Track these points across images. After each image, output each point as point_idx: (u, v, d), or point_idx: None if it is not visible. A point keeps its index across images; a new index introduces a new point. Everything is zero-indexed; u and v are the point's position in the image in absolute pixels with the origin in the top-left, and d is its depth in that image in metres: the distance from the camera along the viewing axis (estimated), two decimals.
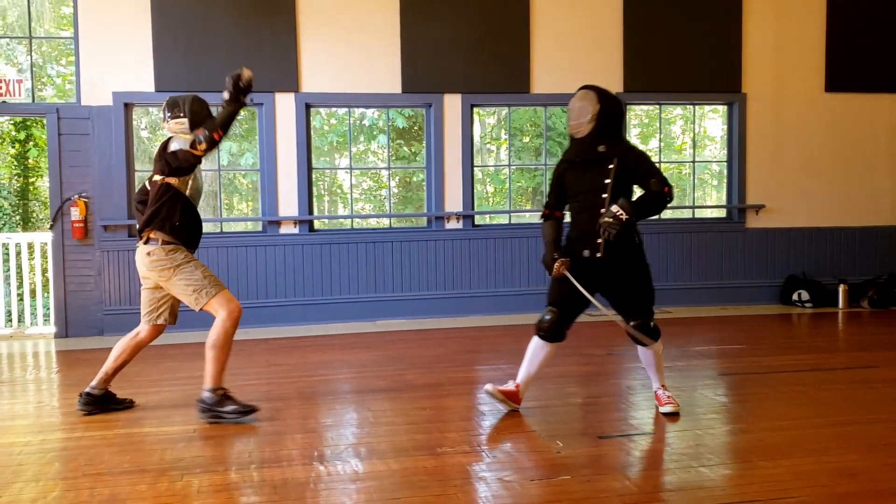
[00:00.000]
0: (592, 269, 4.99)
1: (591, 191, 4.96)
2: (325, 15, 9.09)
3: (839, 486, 3.83)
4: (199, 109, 5.27)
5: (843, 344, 8.03)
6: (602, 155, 4.91)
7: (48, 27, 15.60)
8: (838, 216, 10.40)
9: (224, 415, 5.11)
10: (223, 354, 5.16)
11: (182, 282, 5.09)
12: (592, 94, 4.93)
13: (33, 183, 17.73)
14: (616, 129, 4.99)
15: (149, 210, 5.15)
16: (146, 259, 5.12)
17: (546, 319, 5.09)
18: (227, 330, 5.12)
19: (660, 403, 5.18)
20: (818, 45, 10.22)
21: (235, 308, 5.16)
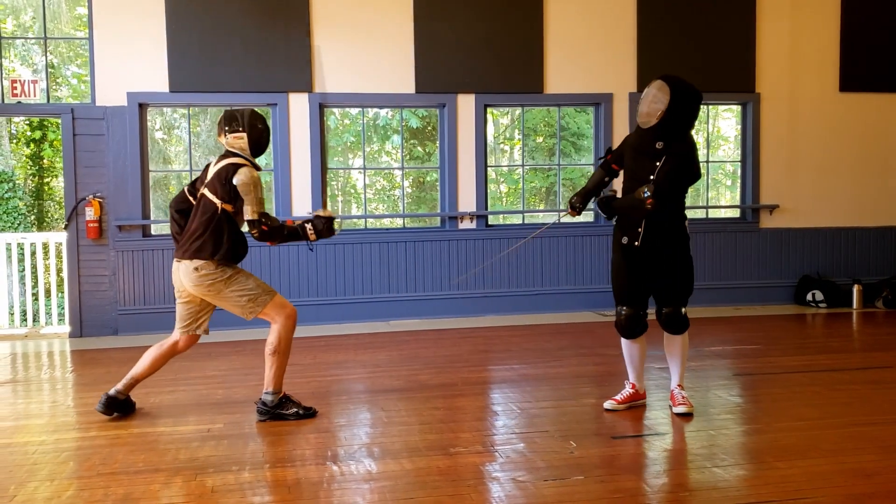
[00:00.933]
0: (637, 255, 5.06)
1: (638, 182, 4.98)
2: (338, 15, 9.09)
3: (855, 486, 3.82)
4: (259, 125, 5.17)
5: (857, 344, 7.99)
6: (657, 152, 4.90)
7: (64, 27, 15.69)
8: (853, 216, 10.34)
9: (286, 417, 5.14)
10: (284, 359, 5.18)
11: (235, 293, 5.04)
12: (667, 90, 4.80)
13: (48, 183, 17.83)
14: (683, 127, 4.92)
15: (195, 234, 5.03)
16: (194, 275, 5.00)
17: (623, 315, 5.18)
18: (287, 335, 5.14)
19: (673, 403, 5.18)
20: (832, 44, 10.17)
21: (292, 312, 5.18)
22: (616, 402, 5.27)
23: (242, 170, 5.02)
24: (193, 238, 5.03)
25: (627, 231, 5.09)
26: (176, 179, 16.84)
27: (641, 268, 5.10)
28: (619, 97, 9.65)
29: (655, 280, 5.09)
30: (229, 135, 5.13)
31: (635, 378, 5.33)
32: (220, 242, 5.00)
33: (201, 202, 5.11)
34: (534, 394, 5.76)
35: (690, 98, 4.86)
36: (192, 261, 5.00)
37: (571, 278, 9.68)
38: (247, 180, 4.98)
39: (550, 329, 8.56)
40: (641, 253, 5.04)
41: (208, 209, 5.04)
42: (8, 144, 16.76)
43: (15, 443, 4.79)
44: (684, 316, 5.08)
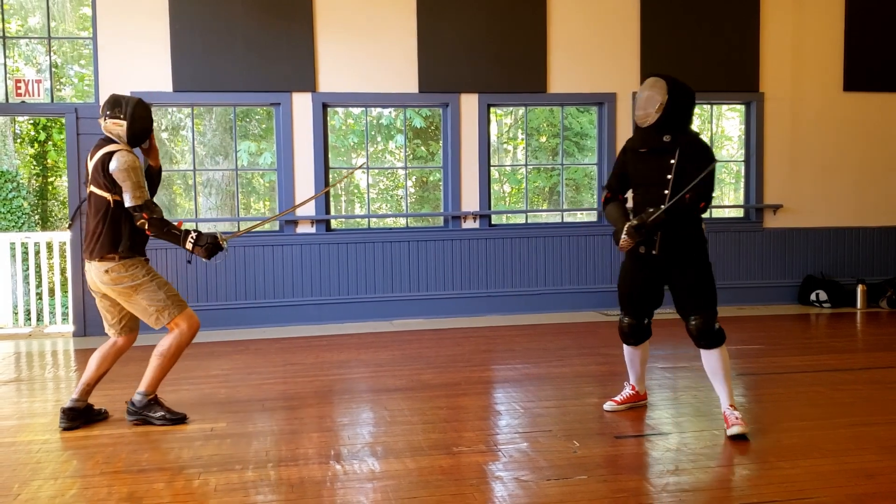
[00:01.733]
0: (653, 264, 4.90)
1: (652, 184, 4.84)
2: (341, 14, 9.10)
3: (857, 486, 3.81)
4: (142, 115, 4.99)
5: (861, 344, 7.98)
6: (666, 146, 4.75)
7: (68, 27, 15.71)
8: (856, 216, 10.33)
9: (153, 420, 5.08)
10: (169, 364, 5.11)
11: (144, 301, 4.95)
12: (662, 83, 4.75)
13: (52, 182, 17.87)
14: (683, 121, 4.82)
15: (95, 232, 4.93)
16: (104, 277, 4.91)
17: (626, 323, 5.09)
18: (182, 343, 5.07)
19: (727, 424, 4.70)
20: (836, 44, 10.16)
21: (195, 324, 5.09)
22: (616, 402, 5.24)
23: (117, 155, 4.87)
24: (94, 237, 4.94)
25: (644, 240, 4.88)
26: (181, 178, 16.88)
27: (657, 277, 4.94)
28: (622, 97, 9.65)
29: (675, 289, 4.87)
30: (109, 119, 4.95)
31: (636, 380, 5.29)
32: (119, 235, 4.91)
33: (92, 198, 5.00)
34: (537, 393, 5.76)
35: (686, 92, 4.82)
36: (100, 262, 4.91)
37: (574, 278, 9.68)
38: (122, 166, 4.83)
39: (553, 329, 8.56)
40: (658, 261, 4.86)
41: (100, 204, 4.93)
42: (12, 144, 16.80)
43: (19, 441, 4.80)
44: (718, 329, 4.75)
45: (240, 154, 14.89)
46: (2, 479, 4.11)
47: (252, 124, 16.75)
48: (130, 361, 7.18)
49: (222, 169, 16.50)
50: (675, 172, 4.73)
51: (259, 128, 16.87)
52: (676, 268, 4.84)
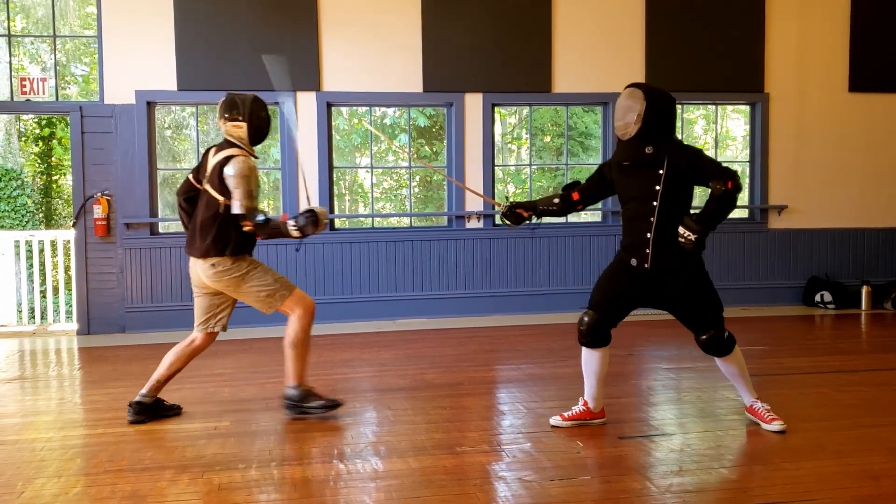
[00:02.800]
0: (644, 280, 4.71)
1: (641, 198, 4.65)
2: (346, 14, 9.10)
3: (862, 488, 3.81)
4: (261, 113, 5.05)
5: (866, 346, 7.96)
6: (650, 157, 4.56)
7: (72, 26, 15.73)
8: (861, 217, 10.31)
9: (310, 410, 5.12)
10: (304, 351, 5.13)
11: (254, 287, 4.99)
12: (639, 93, 4.56)
13: (57, 181, 17.90)
14: (666, 129, 4.59)
15: (203, 231, 4.95)
16: (210, 271, 4.94)
17: (584, 322, 4.85)
18: (305, 327, 5.09)
19: (762, 420, 4.78)
20: (842, 44, 10.14)
21: (310, 304, 5.14)
22: (562, 418, 4.93)
23: (235, 161, 4.89)
24: (202, 235, 4.97)
25: (634, 252, 4.72)
26: (184, 177, 16.89)
27: (641, 294, 4.76)
28: None
29: (674, 307, 4.74)
30: (228, 122, 5.01)
31: (589, 394, 4.93)
32: (228, 238, 4.94)
33: (205, 197, 5.03)
34: (540, 393, 5.75)
35: (664, 99, 4.63)
36: (205, 259, 4.95)
37: (579, 278, 9.66)
38: (238, 172, 4.86)
39: (557, 329, 8.55)
40: (650, 277, 4.69)
41: (212, 205, 4.97)
42: (17, 142, 16.82)
43: (23, 439, 4.81)
44: (726, 338, 4.69)
45: None
46: (6, 476, 4.12)
47: None
48: (134, 360, 7.20)
49: None
50: (664, 183, 4.58)
51: None
52: (672, 285, 4.67)
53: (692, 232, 4.50)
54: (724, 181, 4.50)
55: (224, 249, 4.92)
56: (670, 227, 4.60)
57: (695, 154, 4.65)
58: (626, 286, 4.78)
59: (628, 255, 4.77)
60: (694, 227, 4.51)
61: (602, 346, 4.87)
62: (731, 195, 4.51)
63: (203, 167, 5.14)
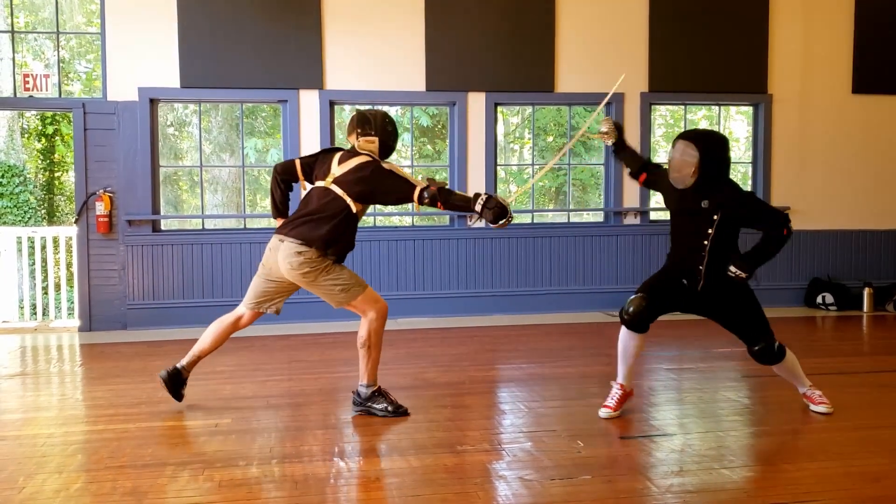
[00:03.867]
0: (693, 294, 4.95)
1: (692, 232, 4.90)
2: (349, 12, 9.09)
3: (863, 490, 3.80)
4: (389, 128, 5.23)
5: (867, 347, 7.96)
6: (705, 210, 4.82)
7: (76, 22, 15.74)
8: (864, 219, 10.30)
9: (375, 411, 5.14)
10: (376, 351, 5.17)
11: (329, 282, 5.03)
12: (692, 145, 4.74)
13: (59, 177, 17.92)
14: (720, 176, 4.83)
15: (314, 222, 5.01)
16: (294, 258, 4.96)
17: (632, 301, 4.97)
18: (378, 328, 5.14)
19: (813, 402, 5.14)
20: (846, 46, 10.13)
21: (383, 306, 5.18)
22: (611, 409, 5.07)
23: (377, 170, 5.06)
24: (310, 223, 5.01)
25: (686, 272, 4.95)
26: (187, 175, 16.90)
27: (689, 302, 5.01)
28: (630, 97, 9.63)
29: (725, 320, 5.00)
30: (361, 137, 5.17)
31: (624, 376, 5.11)
32: (336, 240, 5.02)
33: (328, 194, 5.07)
34: (541, 393, 5.75)
35: (718, 145, 4.82)
36: (298, 244, 4.97)
37: (580, 278, 9.66)
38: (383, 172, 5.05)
39: (559, 329, 8.55)
40: (699, 295, 4.93)
41: (337, 204, 5.03)
42: (20, 138, 16.83)
43: (24, 435, 4.81)
44: (777, 349, 4.97)
45: (246, 151, 14.90)
46: (7, 472, 4.12)
47: (259, 121, 16.77)
48: (136, 357, 7.20)
49: (229, 166, 16.53)
50: (717, 228, 4.82)
51: (266, 125, 16.89)
52: (722, 301, 4.93)
53: (742, 272, 4.81)
54: (780, 229, 4.89)
55: (327, 247, 4.99)
56: (721, 260, 4.87)
57: (748, 200, 4.91)
58: (676, 289, 5.01)
59: (679, 274, 5.00)
60: (745, 267, 4.84)
61: (641, 332, 5.00)
62: (783, 241, 4.91)
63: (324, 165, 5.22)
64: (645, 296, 4.95)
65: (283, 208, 5.42)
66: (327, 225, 5.00)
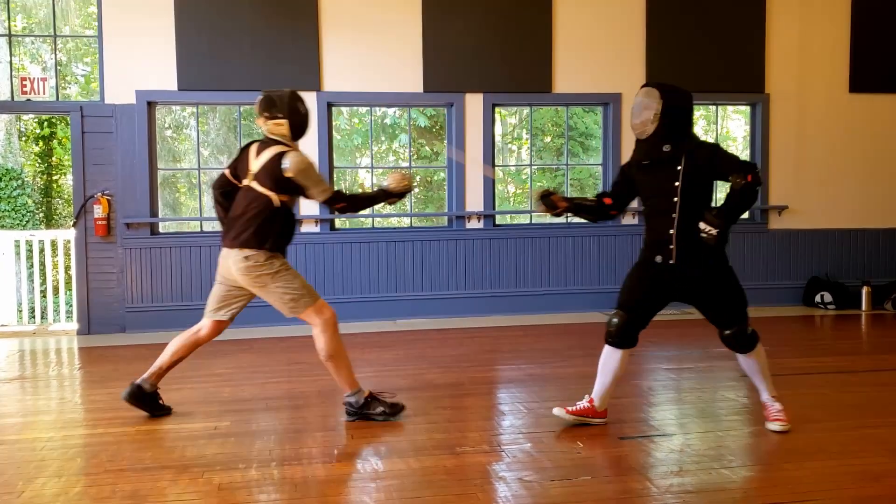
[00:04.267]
0: (668, 276, 4.73)
1: (660, 195, 4.70)
2: (347, 14, 9.09)
3: (863, 489, 3.80)
4: (300, 108, 5.04)
5: (866, 346, 7.96)
6: (668, 155, 4.61)
7: (73, 25, 15.73)
8: (862, 217, 10.31)
9: (373, 417, 5.09)
10: (342, 359, 5.08)
11: (280, 289, 4.96)
12: (655, 91, 4.63)
13: (57, 180, 17.91)
14: (683, 126, 4.67)
15: (245, 224, 4.94)
16: (242, 263, 4.92)
17: (614, 323, 4.83)
18: (331, 338, 5.03)
19: (768, 418, 4.84)
20: (843, 45, 10.13)
21: (331, 315, 5.07)
22: (565, 410, 4.96)
23: (289, 156, 4.90)
24: (243, 227, 4.95)
25: (657, 249, 4.75)
26: (185, 177, 16.90)
27: (668, 290, 4.78)
28: (627, 97, 9.62)
29: (700, 302, 4.78)
30: (269, 121, 5.00)
31: (598, 393, 4.93)
32: (269, 233, 4.93)
33: (250, 192, 4.99)
34: (541, 394, 5.75)
35: (681, 96, 4.70)
36: (241, 250, 4.93)
37: (579, 279, 9.67)
38: (299, 167, 4.89)
39: (558, 329, 8.55)
40: (675, 272, 4.71)
41: (260, 201, 4.94)
42: (17, 142, 16.82)
43: (23, 439, 4.80)
44: (750, 333, 4.75)
45: None
46: (6, 476, 4.12)
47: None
48: (135, 360, 7.20)
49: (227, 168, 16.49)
50: (683, 180, 4.62)
51: None
52: (697, 280, 4.70)
53: (713, 227, 4.52)
54: (743, 175, 4.50)
55: (263, 243, 4.91)
56: (692, 223, 4.61)
57: (713, 149, 4.66)
58: (652, 285, 4.80)
59: (652, 253, 4.78)
60: (715, 221, 4.52)
61: (627, 347, 4.86)
62: (751, 188, 4.50)
63: (243, 162, 5.12)
64: (623, 313, 4.82)
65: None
66: (255, 223, 4.92)
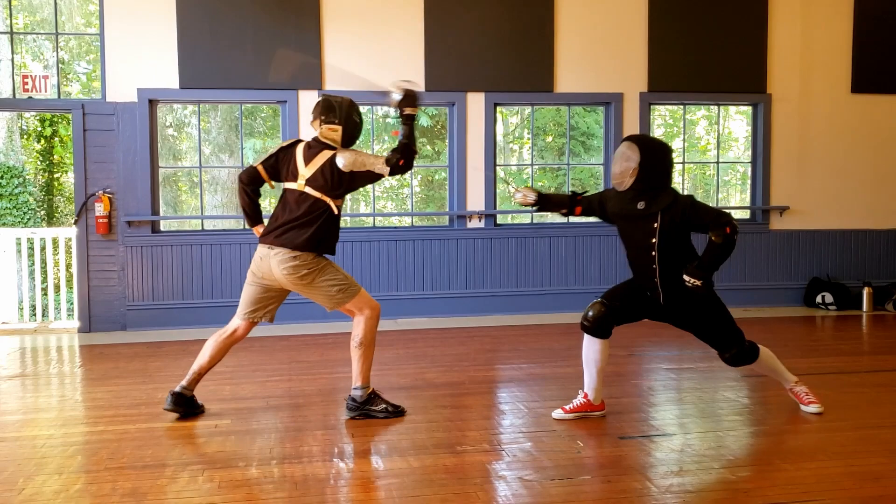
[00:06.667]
0: (658, 305, 4.94)
1: (640, 247, 4.84)
2: (349, 13, 9.09)
3: (863, 489, 3.80)
4: (355, 117, 5.18)
5: (867, 347, 7.96)
6: (643, 213, 4.74)
7: (75, 23, 15.73)
8: (863, 218, 10.30)
9: (374, 414, 5.11)
10: (370, 352, 5.13)
11: (326, 283, 5.00)
12: (634, 147, 4.73)
13: (58, 178, 17.92)
14: (661, 180, 4.76)
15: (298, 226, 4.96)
16: (290, 263, 4.93)
17: (592, 308, 4.99)
18: (372, 327, 5.10)
19: (801, 402, 5.14)
20: (845, 45, 10.13)
21: (377, 306, 5.15)
22: (564, 411, 5.05)
23: (341, 155, 5.01)
24: (298, 231, 4.96)
25: (645, 286, 4.94)
26: (186, 176, 16.90)
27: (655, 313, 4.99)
28: (629, 97, 9.63)
29: (692, 329, 4.95)
30: (324, 125, 5.09)
31: (590, 386, 5.04)
32: (323, 238, 5.00)
33: (304, 197, 5.02)
34: (541, 393, 5.75)
35: (660, 150, 4.80)
36: (289, 251, 4.94)
37: (580, 278, 9.66)
38: (352, 158, 5.00)
39: (558, 329, 8.55)
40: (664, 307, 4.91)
41: (318, 206, 4.99)
42: (19, 139, 16.83)
43: (24, 436, 4.81)
44: (747, 349, 4.94)
45: (245, 151, 14.91)
46: (7, 473, 4.12)
47: (258, 122, 16.78)
48: (135, 358, 7.21)
49: (228, 166, 16.52)
50: (660, 237, 4.73)
51: (265, 125, 16.89)
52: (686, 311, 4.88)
53: (697, 279, 4.67)
54: (721, 229, 4.63)
55: (317, 247, 4.97)
56: (674, 271, 4.78)
57: (689, 205, 4.71)
58: (641, 300, 4.99)
59: (642, 288, 4.99)
60: (698, 273, 4.68)
61: (603, 338, 4.99)
62: (730, 239, 4.65)
63: (288, 164, 5.15)
64: (604, 301, 4.97)
65: (257, 216, 5.32)
66: (312, 227, 4.96)
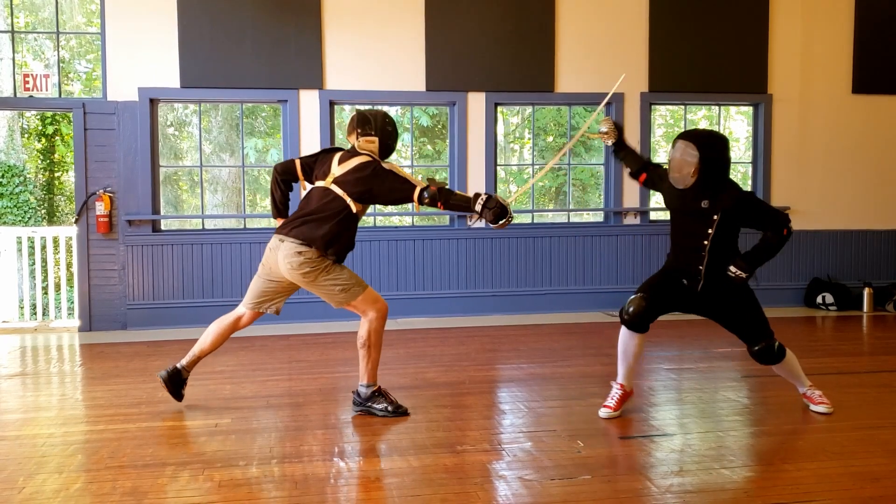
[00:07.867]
0: (694, 295, 4.98)
1: (693, 234, 4.92)
2: (350, 12, 9.09)
3: (863, 489, 3.80)
4: (389, 129, 5.24)
5: (867, 347, 7.95)
6: (705, 210, 4.83)
7: (76, 22, 15.73)
8: (864, 219, 10.30)
9: (375, 411, 5.14)
10: (376, 351, 5.18)
11: (329, 281, 5.04)
12: (691, 146, 4.76)
13: (59, 177, 17.91)
14: (721, 176, 4.83)
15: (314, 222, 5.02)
16: (295, 258, 4.98)
17: (633, 302, 4.98)
18: (378, 328, 5.15)
19: (813, 402, 5.17)
20: (845, 46, 10.13)
21: (383, 306, 5.19)
22: (611, 409, 5.08)
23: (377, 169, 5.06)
24: (310, 223, 5.02)
25: (686, 272, 4.98)
26: (187, 175, 16.90)
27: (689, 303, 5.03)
28: (630, 97, 9.63)
29: (724, 320, 5.02)
30: (361, 137, 5.17)
31: (625, 376, 5.12)
32: (337, 240, 5.04)
33: (327, 193, 5.08)
34: (541, 393, 5.75)
35: (718, 144, 4.83)
36: (298, 244, 4.98)
37: (580, 278, 9.66)
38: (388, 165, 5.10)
39: (558, 329, 8.55)
40: (700, 294, 4.96)
41: (337, 204, 5.04)
42: (19, 138, 16.83)
43: (24, 435, 4.81)
44: (777, 349, 4.98)
45: (246, 151, 14.90)
46: (7, 472, 4.12)
47: (259, 121, 16.77)
48: (136, 357, 7.21)
49: (229, 166, 16.52)
50: (717, 229, 4.85)
51: (266, 125, 16.89)
52: (722, 301, 4.95)
53: (743, 272, 4.82)
54: (780, 230, 4.91)
55: (328, 247, 5.00)
56: (720, 260, 4.89)
57: (749, 201, 4.90)
58: (676, 289, 5.04)
59: (678, 275, 5.03)
60: (745, 266, 4.86)
61: (641, 332, 5.02)
62: (783, 241, 4.91)
63: (324, 165, 5.22)
64: (645, 295, 4.97)
65: (284, 208, 5.42)
66: (327, 225, 5.00)
